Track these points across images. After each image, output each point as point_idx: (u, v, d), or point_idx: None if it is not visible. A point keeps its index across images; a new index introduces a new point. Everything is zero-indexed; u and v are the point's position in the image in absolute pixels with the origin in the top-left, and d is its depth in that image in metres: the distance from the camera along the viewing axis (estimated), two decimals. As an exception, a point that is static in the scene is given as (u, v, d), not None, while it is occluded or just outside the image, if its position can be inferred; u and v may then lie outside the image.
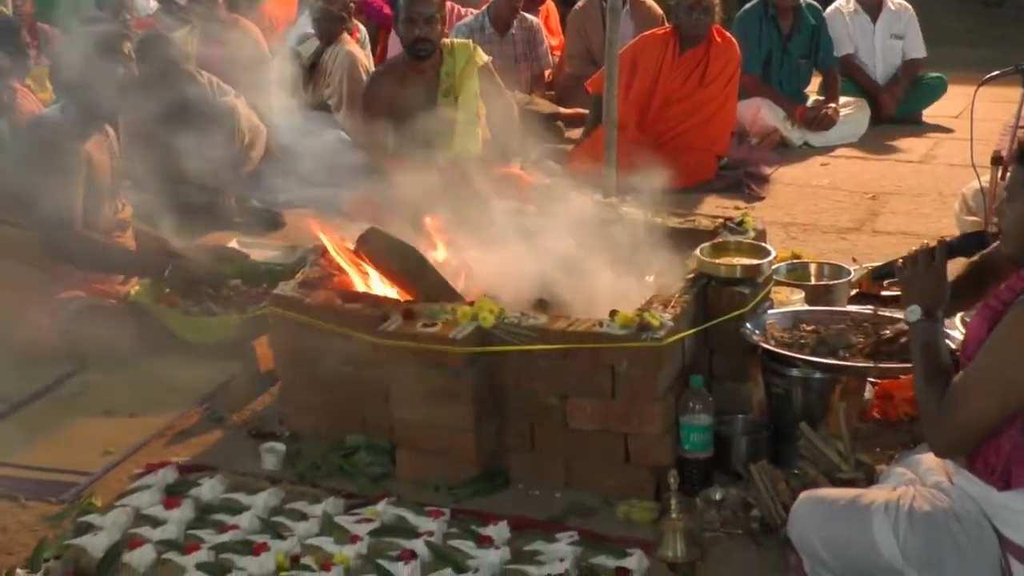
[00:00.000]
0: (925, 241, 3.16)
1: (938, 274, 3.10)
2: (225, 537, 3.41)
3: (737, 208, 6.13)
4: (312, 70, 7.59)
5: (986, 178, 5.39)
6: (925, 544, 2.89)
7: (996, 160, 5.23)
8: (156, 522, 3.49)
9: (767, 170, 7.23)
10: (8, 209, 4.87)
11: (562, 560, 3.24)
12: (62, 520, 3.60)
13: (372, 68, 7.43)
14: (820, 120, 7.97)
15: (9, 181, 4.78)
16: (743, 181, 6.94)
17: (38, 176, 4.71)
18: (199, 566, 3.27)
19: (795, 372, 3.72)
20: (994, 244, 3.19)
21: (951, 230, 5.48)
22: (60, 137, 4.81)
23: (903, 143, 8.07)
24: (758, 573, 3.26)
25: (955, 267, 3.22)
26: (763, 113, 7.87)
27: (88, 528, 3.48)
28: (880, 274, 3.51)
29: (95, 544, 3.38)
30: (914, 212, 6.52)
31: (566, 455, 3.70)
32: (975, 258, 3.31)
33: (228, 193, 6.27)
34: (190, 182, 6.02)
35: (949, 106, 8.60)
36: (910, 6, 8.69)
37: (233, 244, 5.63)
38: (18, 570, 3.25)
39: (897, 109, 8.47)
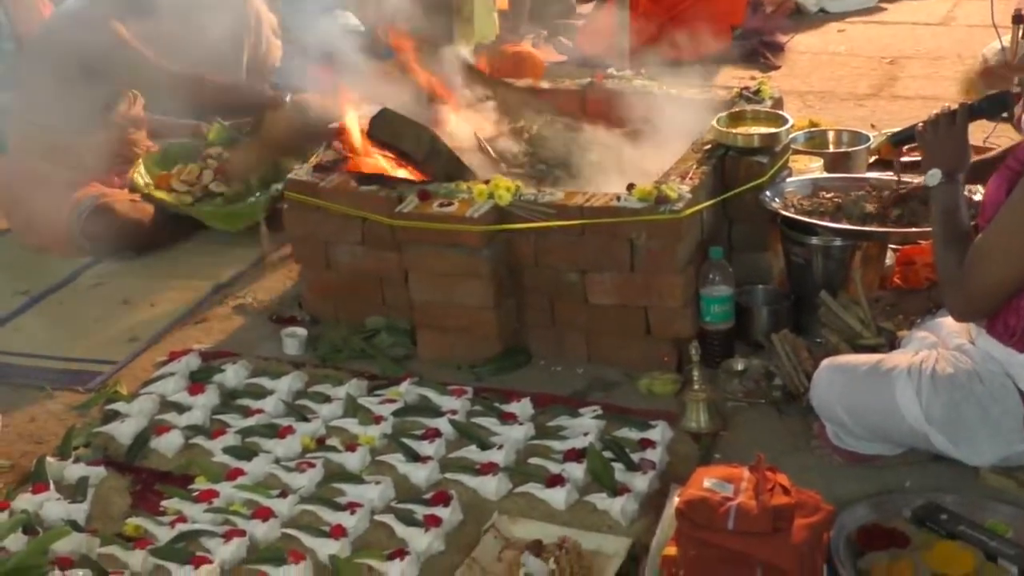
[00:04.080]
0: (946, 104, 3.12)
1: (959, 137, 3.07)
2: (251, 421, 3.45)
3: (753, 78, 6.05)
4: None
5: (1007, 38, 5.31)
6: (948, 405, 2.91)
7: (1017, 19, 5.14)
8: (182, 408, 3.53)
9: (783, 39, 7.13)
10: (35, 110, 4.84)
11: (586, 434, 3.27)
12: (89, 409, 3.64)
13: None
14: (836, -15, 7.83)
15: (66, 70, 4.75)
16: (758, 51, 6.85)
17: (106, 61, 4.70)
18: (226, 450, 3.32)
19: (815, 240, 3.71)
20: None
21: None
22: (104, 18, 4.75)
23: (921, 6, 7.93)
24: (781, 442, 3.28)
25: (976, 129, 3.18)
26: (777, -20, 7.72)
27: (115, 416, 3.53)
28: (900, 139, 3.47)
29: (123, 431, 3.43)
30: (933, 76, 6.44)
31: (587, 330, 3.71)
32: None
33: (240, 80, 6.20)
34: (201, 67, 5.97)
35: (969, -35, 8.43)
36: None
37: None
38: (48, 458, 3.30)
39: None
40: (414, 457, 3.24)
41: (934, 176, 3.04)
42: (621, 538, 2.88)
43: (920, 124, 3.15)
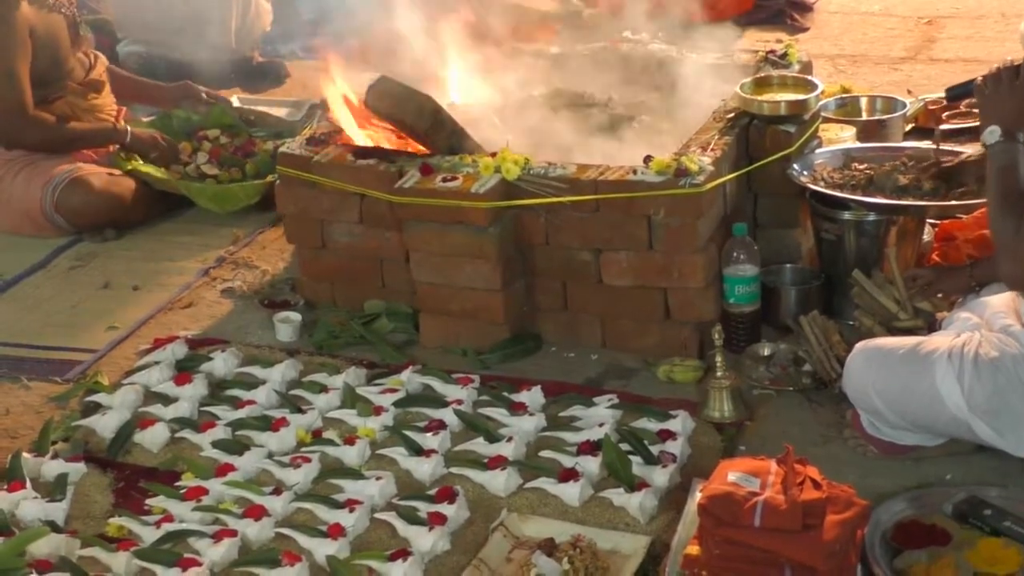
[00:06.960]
0: (1009, 58, 3.10)
1: (1022, 93, 3.05)
2: (241, 413, 3.46)
3: (779, 41, 6.04)
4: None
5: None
6: (993, 392, 2.91)
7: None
8: (167, 400, 3.54)
9: (811, -3, 7.11)
10: None
11: (601, 425, 3.26)
12: (68, 400, 3.65)
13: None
14: (868, -61, 7.80)
15: None
16: (785, 11, 6.82)
17: None
18: (215, 444, 3.33)
19: (847, 215, 3.70)
20: None
21: (1016, 54, 5.37)
22: None
23: (961, -40, 7.90)
24: (811, 431, 3.28)
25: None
26: (804, -66, 7.69)
27: (96, 408, 3.54)
28: (956, 93, 3.45)
29: (104, 424, 3.44)
30: (975, 36, 6.41)
31: (602, 314, 3.71)
32: None
33: (230, 46, 6.20)
34: (186, 34, 5.96)
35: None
36: None
37: (233, 100, 5.59)
38: (24, 453, 3.31)
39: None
40: (417, 451, 3.24)
41: (992, 133, 3.02)
42: (639, 536, 2.89)
43: (980, 78, 3.13)
